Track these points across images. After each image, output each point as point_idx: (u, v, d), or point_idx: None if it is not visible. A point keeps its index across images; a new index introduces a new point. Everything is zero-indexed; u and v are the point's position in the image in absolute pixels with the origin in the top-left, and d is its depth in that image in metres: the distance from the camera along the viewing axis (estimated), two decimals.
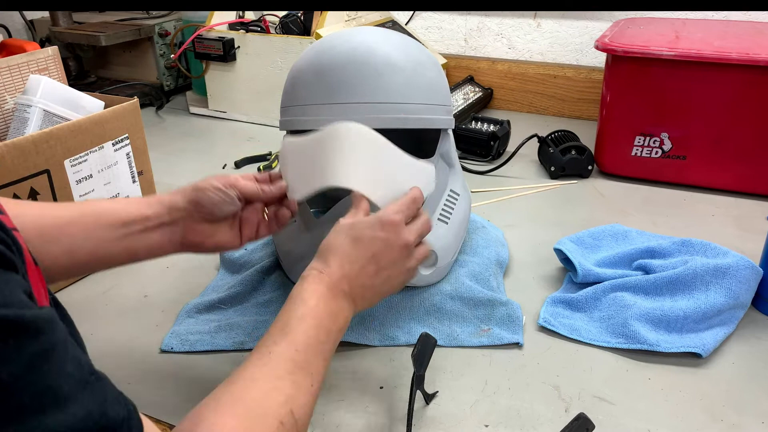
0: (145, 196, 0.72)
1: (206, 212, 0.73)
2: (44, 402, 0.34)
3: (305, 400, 0.56)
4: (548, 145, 1.37)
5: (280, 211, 0.79)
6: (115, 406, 0.38)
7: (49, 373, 0.34)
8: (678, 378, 0.78)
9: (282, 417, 0.53)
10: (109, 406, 0.37)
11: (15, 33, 2.04)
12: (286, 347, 0.58)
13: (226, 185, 0.73)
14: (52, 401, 0.34)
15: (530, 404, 0.74)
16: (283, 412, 0.53)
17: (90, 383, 0.37)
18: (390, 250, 0.68)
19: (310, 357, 0.59)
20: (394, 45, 0.83)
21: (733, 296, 0.84)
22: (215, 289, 0.96)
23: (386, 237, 0.68)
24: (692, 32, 1.34)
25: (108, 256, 0.69)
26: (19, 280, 0.37)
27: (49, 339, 0.35)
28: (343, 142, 0.75)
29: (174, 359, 0.82)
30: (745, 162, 1.23)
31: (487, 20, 1.83)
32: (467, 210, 0.94)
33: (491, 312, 0.87)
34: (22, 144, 0.88)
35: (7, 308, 0.33)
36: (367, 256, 0.67)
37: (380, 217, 0.69)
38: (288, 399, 0.54)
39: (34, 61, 1.06)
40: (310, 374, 0.58)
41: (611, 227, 1.04)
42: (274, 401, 0.53)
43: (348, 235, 0.67)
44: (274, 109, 1.08)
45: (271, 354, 0.57)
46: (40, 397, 0.34)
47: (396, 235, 0.68)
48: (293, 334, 0.59)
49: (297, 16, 1.64)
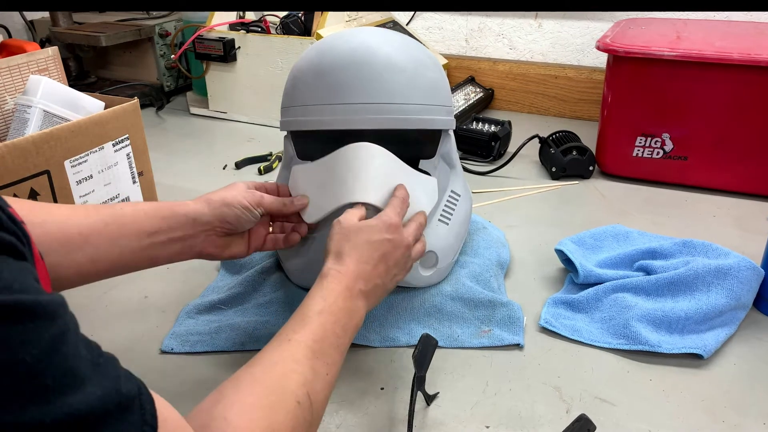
0: (169, 202, 0.73)
1: (229, 228, 0.77)
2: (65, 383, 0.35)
3: (321, 386, 0.58)
4: (549, 145, 1.37)
5: (291, 235, 0.84)
6: (127, 384, 0.39)
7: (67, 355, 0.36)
8: (679, 379, 0.78)
9: (299, 397, 0.55)
10: (122, 384, 0.38)
11: (15, 33, 2.04)
12: (304, 336, 0.60)
13: (254, 204, 0.78)
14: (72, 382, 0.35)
15: (531, 405, 0.74)
16: (301, 393, 0.55)
17: (101, 364, 0.38)
18: (396, 250, 0.72)
19: (326, 348, 0.61)
20: (395, 45, 0.83)
21: (735, 297, 0.84)
22: (215, 290, 0.96)
23: (392, 238, 0.72)
24: (693, 32, 1.34)
25: (130, 264, 0.72)
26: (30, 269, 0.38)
27: (64, 322, 0.36)
28: (356, 161, 0.78)
29: (174, 360, 0.82)
30: (747, 162, 1.23)
31: (488, 20, 1.83)
32: (468, 211, 0.94)
33: (492, 313, 0.87)
34: (22, 144, 0.88)
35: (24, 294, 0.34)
36: (378, 256, 0.70)
37: (384, 220, 0.73)
38: (306, 382, 0.56)
39: (34, 62, 1.06)
40: (327, 364, 0.60)
41: (612, 228, 1.04)
42: (293, 382, 0.56)
43: (359, 237, 0.71)
44: (274, 110, 1.08)
45: (290, 341, 0.59)
46: (61, 378, 0.35)
47: (400, 236, 0.73)
48: (312, 325, 0.61)
49: (297, 17, 1.64)
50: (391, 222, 0.73)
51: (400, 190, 0.78)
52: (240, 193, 0.77)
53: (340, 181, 0.79)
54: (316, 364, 0.59)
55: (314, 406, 0.56)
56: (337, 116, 0.80)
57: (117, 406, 0.37)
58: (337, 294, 0.65)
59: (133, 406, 0.39)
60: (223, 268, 1.01)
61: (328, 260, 0.70)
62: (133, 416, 0.38)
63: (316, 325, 0.62)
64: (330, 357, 0.61)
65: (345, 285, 0.67)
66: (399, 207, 0.76)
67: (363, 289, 0.68)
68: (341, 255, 0.69)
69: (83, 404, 0.35)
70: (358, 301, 0.67)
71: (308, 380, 0.57)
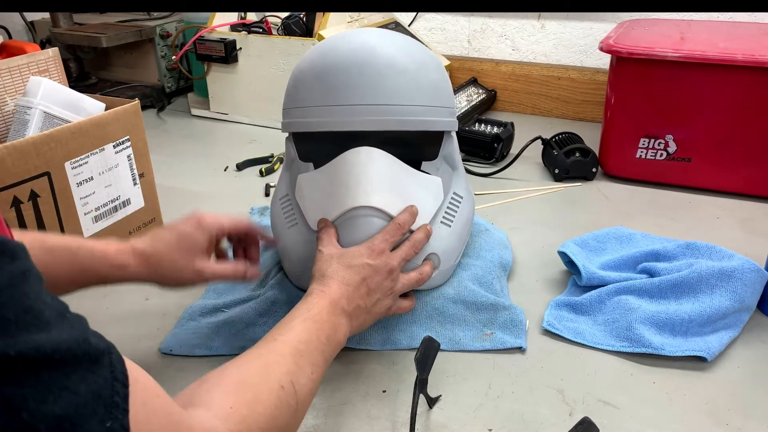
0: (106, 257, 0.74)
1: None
2: (27, 321, 0.34)
3: (305, 381, 0.60)
4: (552, 147, 1.37)
5: (250, 271, 0.83)
6: (96, 339, 0.38)
7: (29, 294, 0.35)
8: (683, 382, 0.77)
9: (283, 383, 0.57)
10: (90, 336, 0.38)
11: (15, 34, 2.04)
12: (290, 338, 0.62)
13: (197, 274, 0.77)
14: (35, 321, 0.35)
15: (534, 408, 0.73)
16: (285, 380, 0.57)
17: (69, 318, 0.38)
18: (377, 274, 0.75)
19: (312, 350, 0.63)
20: (397, 47, 0.83)
21: (739, 299, 0.83)
22: (216, 291, 0.96)
23: (374, 263, 0.74)
24: (697, 33, 1.33)
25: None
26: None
27: (25, 264, 0.36)
28: (357, 166, 0.78)
29: (174, 362, 0.82)
30: (751, 164, 1.23)
31: (491, 21, 1.82)
32: (471, 213, 0.94)
33: (494, 316, 0.86)
34: (22, 146, 0.88)
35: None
36: (359, 279, 0.73)
37: (368, 246, 0.76)
38: (290, 372, 0.58)
39: (34, 63, 1.06)
40: (311, 363, 0.62)
41: (616, 230, 1.03)
42: (277, 369, 0.58)
43: (341, 262, 0.74)
44: (276, 111, 1.08)
45: (276, 341, 0.62)
46: (23, 314, 0.34)
47: (383, 262, 0.75)
48: (297, 330, 0.64)
49: (299, 18, 1.64)
50: (375, 248, 0.75)
51: (403, 215, 0.79)
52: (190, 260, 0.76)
53: (343, 186, 0.79)
54: (301, 361, 0.60)
55: (298, 395, 0.58)
56: (339, 117, 0.80)
57: (85, 355, 0.36)
58: (321, 307, 0.68)
59: (103, 361, 0.38)
60: None
61: (312, 282, 0.73)
62: (103, 370, 0.37)
63: (301, 329, 0.64)
64: (315, 358, 0.63)
65: (329, 301, 0.69)
66: (390, 233, 0.77)
67: (346, 308, 0.71)
68: (324, 277, 0.72)
69: (48, 343, 0.34)
70: (342, 318, 0.70)
71: (292, 371, 0.58)
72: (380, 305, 0.76)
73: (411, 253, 0.79)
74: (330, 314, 0.68)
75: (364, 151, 0.79)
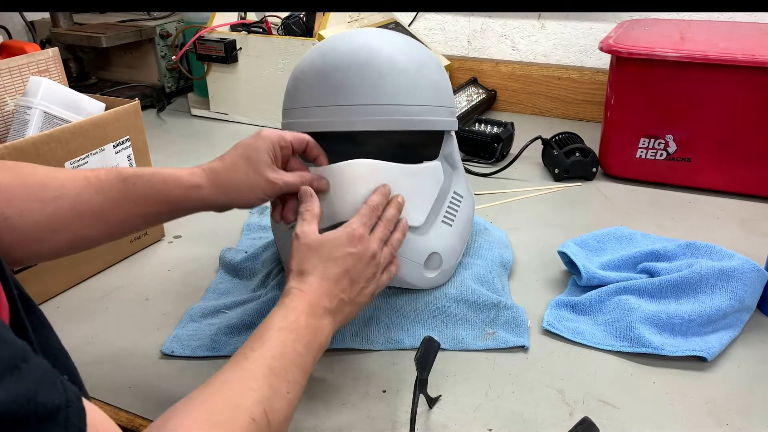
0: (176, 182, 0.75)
1: None
2: None
3: (280, 405, 0.57)
4: (552, 147, 1.36)
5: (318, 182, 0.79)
6: (50, 393, 0.36)
7: None
8: (683, 382, 0.77)
9: (254, 414, 0.53)
10: (40, 392, 0.36)
11: (15, 34, 2.04)
12: (262, 353, 0.59)
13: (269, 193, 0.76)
14: None
15: (534, 408, 0.73)
16: (256, 411, 0.54)
17: (20, 368, 0.36)
18: (359, 262, 0.71)
19: (287, 365, 0.59)
20: (397, 46, 0.83)
21: (739, 299, 0.83)
22: (216, 291, 0.96)
23: (355, 252, 0.70)
24: (697, 33, 1.33)
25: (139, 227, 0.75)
26: None
27: None
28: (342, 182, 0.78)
29: (175, 363, 0.82)
30: (751, 164, 1.23)
31: (491, 21, 1.82)
32: (471, 212, 0.94)
33: (496, 315, 0.86)
34: (22, 146, 0.87)
35: None
36: (341, 272, 0.69)
37: (348, 233, 0.71)
38: (262, 399, 0.55)
39: (34, 63, 1.06)
40: (287, 381, 0.59)
41: (616, 230, 1.03)
42: (247, 399, 0.54)
43: (321, 253, 0.69)
44: (276, 111, 1.07)
45: (247, 359, 0.58)
46: None
47: (364, 247, 0.71)
48: (271, 342, 0.60)
49: (299, 18, 1.64)
50: (355, 233, 0.71)
51: (374, 196, 0.76)
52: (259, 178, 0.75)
53: (329, 201, 0.78)
54: (274, 382, 0.57)
55: (272, 425, 0.55)
56: (339, 117, 0.80)
57: (32, 415, 0.35)
58: (299, 312, 0.64)
59: (57, 417, 0.36)
60: (221, 269, 1.01)
61: (290, 279, 0.69)
62: (56, 428, 0.36)
63: (276, 342, 0.60)
64: (291, 374, 0.59)
65: (308, 303, 0.66)
66: (366, 216, 0.74)
67: (328, 306, 0.67)
68: (303, 273, 0.68)
69: None
70: (323, 320, 0.66)
71: (265, 398, 0.55)
72: (363, 294, 0.72)
73: (386, 232, 0.76)
74: (309, 317, 0.64)
75: (352, 166, 0.78)
